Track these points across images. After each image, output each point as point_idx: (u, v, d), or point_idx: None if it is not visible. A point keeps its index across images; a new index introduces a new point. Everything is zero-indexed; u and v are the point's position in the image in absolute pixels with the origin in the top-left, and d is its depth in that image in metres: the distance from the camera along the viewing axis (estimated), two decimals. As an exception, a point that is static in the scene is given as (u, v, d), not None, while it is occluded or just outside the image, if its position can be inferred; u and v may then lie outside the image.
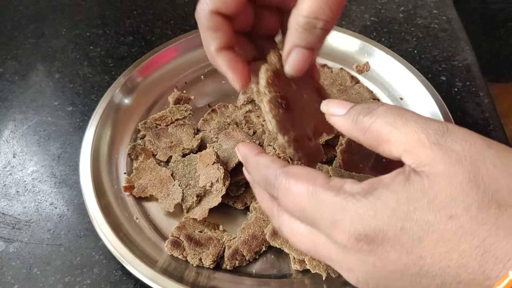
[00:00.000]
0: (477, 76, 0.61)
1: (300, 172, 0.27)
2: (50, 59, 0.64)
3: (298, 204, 0.26)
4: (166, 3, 0.72)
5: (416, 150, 0.24)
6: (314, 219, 0.26)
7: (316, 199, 0.25)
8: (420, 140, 0.24)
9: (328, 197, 0.25)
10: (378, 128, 0.26)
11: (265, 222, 0.44)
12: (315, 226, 0.26)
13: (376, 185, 0.24)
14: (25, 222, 0.47)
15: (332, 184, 0.25)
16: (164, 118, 0.53)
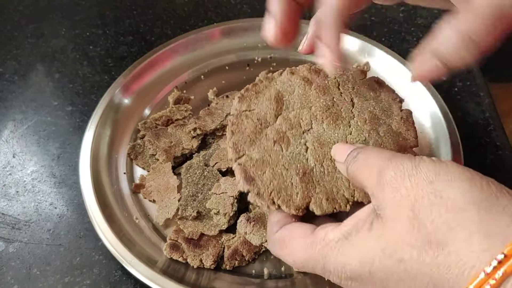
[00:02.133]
0: (477, 76, 0.60)
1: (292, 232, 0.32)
2: (49, 59, 0.64)
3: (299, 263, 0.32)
4: (166, 3, 0.71)
5: (375, 193, 0.28)
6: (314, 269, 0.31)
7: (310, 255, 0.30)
8: (378, 182, 0.28)
9: (318, 251, 0.30)
10: (357, 177, 0.31)
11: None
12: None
13: (351, 231, 0.28)
14: (25, 222, 0.47)
15: (318, 237, 0.30)
16: (164, 118, 0.53)
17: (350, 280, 0.28)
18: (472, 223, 0.24)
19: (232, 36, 0.62)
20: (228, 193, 0.44)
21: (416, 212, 0.25)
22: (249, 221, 0.42)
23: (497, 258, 0.22)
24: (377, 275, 0.27)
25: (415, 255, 0.25)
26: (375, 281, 0.27)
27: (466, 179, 0.25)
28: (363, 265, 0.27)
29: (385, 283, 0.27)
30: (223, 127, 0.51)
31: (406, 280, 0.26)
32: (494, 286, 0.22)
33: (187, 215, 0.44)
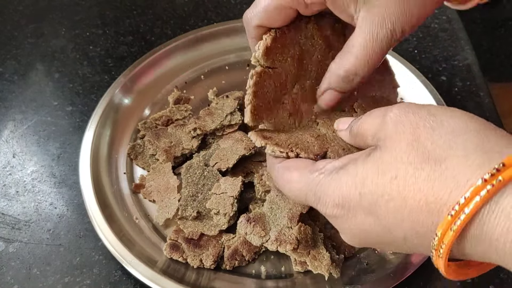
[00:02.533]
0: (477, 75, 0.60)
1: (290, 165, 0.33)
2: (49, 59, 0.64)
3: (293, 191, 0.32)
4: (166, 3, 0.71)
5: (377, 132, 0.29)
6: (306, 199, 0.31)
7: (305, 181, 0.31)
8: (380, 123, 0.28)
9: (313, 178, 0.30)
10: (359, 130, 0.31)
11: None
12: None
13: (347, 162, 0.29)
14: (25, 222, 0.47)
15: (316, 167, 0.31)
16: (164, 118, 0.53)
17: (337, 207, 0.28)
18: (471, 143, 0.24)
19: (232, 36, 0.62)
20: (228, 193, 0.44)
21: (417, 136, 0.26)
22: (249, 221, 0.42)
23: (496, 167, 0.22)
24: (367, 197, 0.26)
25: (410, 171, 0.25)
26: (364, 204, 0.27)
27: (467, 115, 0.26)
28: (353, 187, 0.27)
29: (373, 206, 0.26)
30: (223, 127, 0.51)
31: (397, 199, 0.25)
32: (491, 192, 0.22)
33: (187, 215, 0.44)
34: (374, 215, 0.27)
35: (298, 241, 0.40)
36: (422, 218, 0.25)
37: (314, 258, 0.40)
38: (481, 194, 0.22)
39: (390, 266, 0.41)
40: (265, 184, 0.45)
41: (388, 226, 0.26)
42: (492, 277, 0.43)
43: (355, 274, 0.42)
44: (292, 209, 0.41)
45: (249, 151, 0.47)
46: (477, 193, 0.22)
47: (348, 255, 0.43)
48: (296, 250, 0.40)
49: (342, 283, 0.40)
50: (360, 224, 0.28)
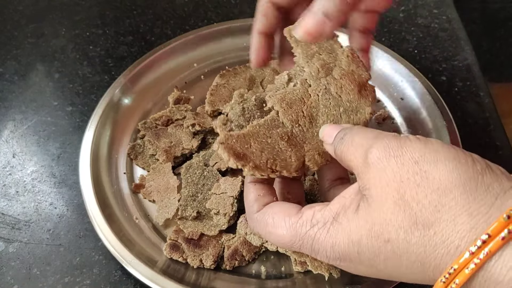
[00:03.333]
0: (477, 76, 0.60)
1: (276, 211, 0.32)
2: (49, 59, 0.64)
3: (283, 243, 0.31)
4: (166, 3, 0.71)
5: (361, 173, 0.28)
6: (300, 250, 0.31)
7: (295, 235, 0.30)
8: (364, 163, 0.28)
9: (304, 232, 0.30)
10: (344, 158, 0.31)
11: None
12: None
13: (339, 211, 0.29)
14: (25, 222, 0.47)
15: (305, 218, 0.30)
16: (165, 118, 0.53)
17: (339, 260, 0.29)
18: (457, 204, 0.24)
19: (232, 36, 0.62)
20: (228, 193, 0.44)
21: (402, 193, 0.26)
22: None
23: (482, 238, 0.23)
24: (365, 255, 0.27)
25: (401, 235, 0.26)
26: (363, 260, 0.28)
27: (452, 158, 0.26)
28: (351, 246, 0.28)
29: (372, 261, 0.28)
30: None
31: (393, 259, 0.27)
32: (478, 265, 0.23)
33: (187, 215, 0.44)
34: (374, 268, 0.28)
35: None
36: (419, 272, 0.26)
37: (314, 258, 0.40)
38: (469, 267, 0.23)
39: (390, 266, 0.41)
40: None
41: (388, 274, 0.28)
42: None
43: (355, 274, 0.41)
44: None
45: (249, 151, 0.47)
46: (465, 265, 0.23)
47: (348, 255, 0.43)
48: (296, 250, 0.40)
49: (342, 283, 0.40)
50: (364, 271, 0.29)
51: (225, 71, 0.56)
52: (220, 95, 0.52)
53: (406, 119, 0.54)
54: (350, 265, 0.29)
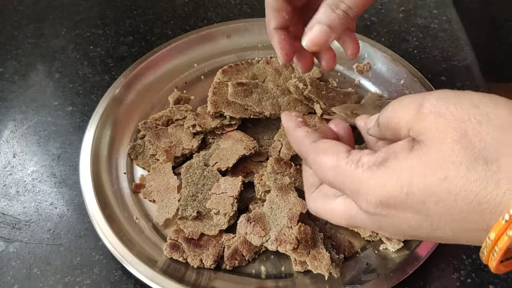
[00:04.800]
0: (477, 76, 0.61)
1: (326, 146, 0.31)
2: (50, 59, 0.64)
3: (325, 177, 0.30)
4: (166, 3, 0.71)
5: (415, 123, 0.27)
6: (342, 189, 0.29)
7: (339, 173, 0.29)
8: (416, 114, 0.27)
9: (349, 171, 0.28)
10: (390, 122, 0.29)
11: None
12: (345, 196, 0.30)
13: (388, 156, 0.27)
14: (25, 222, 0.47)
15: (352, 158, 0.29)
16: (165, 118, 0.53)
17: (381, 206, 0.27)
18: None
19: (232, 36, 0.62)
20: (228, 193, 0.45)
21: (463, 132, 0.25)
22: (249, 221, 0.42)
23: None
24: (414, 196, 0.25)
25: (462, 172, 0.24)
26: (410, 204, 0.26)
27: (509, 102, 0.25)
28: (400, 186, 0.26)
29: (421, 205, 0.25)
30: (223, 126, 0.51)
31: (447, 200, 0.25)
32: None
33: (187, 215, 0.44)
34: (422, 214, 0.26)
35: (298, 241, 0.40)
36: (474, 217, 0.24)
37: (314, 258, 0.41)
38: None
39: (390, 266, 0.41)
40: (265, 184, 0.45)
41: (436, 223, 0.26)
42: (492, 277, 0.43)
43: (355, 274, 0.42)
44: (292, 209, 0.41)
45: (249, 151, 0.47)
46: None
47: (348, 255, 0.43)
48: (296, 250, 0.40)
49: (342, 283, 0.41)
50: (406, 221, 0.27)
51: (227, 67, 0.55)
52: (223, 94, 0.51)
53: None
54: (393, 212, 0.27)
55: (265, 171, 0.46)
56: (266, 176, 0.45)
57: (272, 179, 0.44)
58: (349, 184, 0.28)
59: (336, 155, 0.29)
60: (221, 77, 0.54)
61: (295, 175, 0.46)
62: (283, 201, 0.42)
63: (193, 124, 0.50)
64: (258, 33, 0.62)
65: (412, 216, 0.26)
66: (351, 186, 0.28)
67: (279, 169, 0.46)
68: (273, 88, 0.53)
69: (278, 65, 0.56)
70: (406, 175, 0.26)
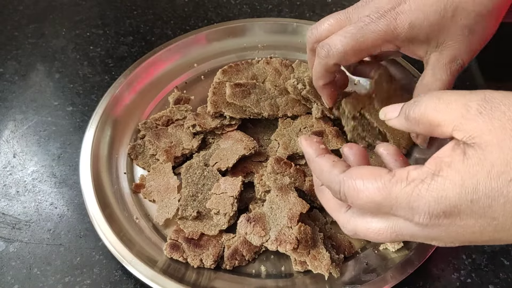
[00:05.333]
0: (477, 76, 0.61)
1: (363, 172, 0.29)
2: (50, 59, 0.64)
3: (372, 201, 0.29)
4: (166, 3, 0.72)
5: (463, 125, 0.26)
6: (391, 210, 0.28)
7: (389, 193, 0.28)
8: (464, 115, 0.27)
9: (400, 189, 0.27)
10: (426, 117, 0.29)
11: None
12: (392, 215, 0.29)
13: (440, 166, 0.27)
14: (25, 222, 0.47)
15: (399, 176, 0.28)
16: (165, 118, 0.53)
17: (442, 217, 0.27)
18: None
19: (232, 36, 0.62)
20: (228, 193, 0.45)
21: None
22: (249, 221, 0.42)
23: None
24: (480, 202, 0.25)
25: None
26: (476, 210, 0.26)
27: None
28: (463, 195, 0.25)
29: (487, 209, 0.25)
30: (223, 126, 0.51)
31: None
32: None
33: (187, 215, 0.44)
34: (488, 218, 0.26)
35: (298, 241, 0.40)
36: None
37: (314, 258, 0.41)
38: None
39: (390, 266, 0.41)
40: (265, 184, 0.45)
41: (501, 225, 0.26)
42: (492, 277, 0.43)
43: (355, 274, 0.42)
44: (292, 209, 0.41)
45: (249, 151, 0.47)
46: None
47: (348, 255, 0.43)
48: (296, 250, 0.40)
49: (342, 283, 0.41)
50: (469, 227, 0.27)
51: (227, 67, 0.55)
52: (223, 94, 0.51)
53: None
54: (455, 221, 0.27)
55: (265, 171, 0.46)
56: (266, 176, 0.45)
57: (272, 179, 0.44)
58: (403, 202, 0.27)
59: (379, 178, 0.28)
60: (221, 77, 0.54)
61: (295, 175, 0.46)
62: (283, 201, 0.42)
63: (193, 124, 0.50)
64: (258, 33, 0.62)
65: (475, 221, 0.26)
66: (405, 204, 0.27)
67: (279, 169, 0.46)
68: (271, 89, 0.53)
69: (278, 65, 0.56)
70: (469, 183, 0.25)
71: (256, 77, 0.55)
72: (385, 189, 0.28)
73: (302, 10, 0.71)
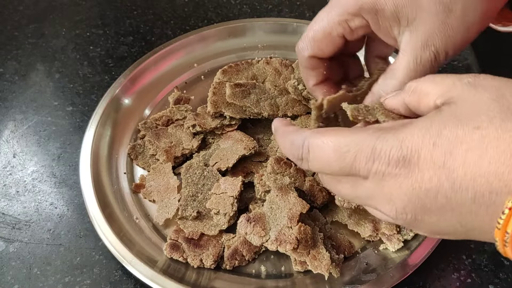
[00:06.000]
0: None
1: (326, 130, 0.29)
2: (50, 59, 0.64)
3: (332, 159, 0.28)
4: (166, 3, 0.72)
5: (449, 92, 0.26)
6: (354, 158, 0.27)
7: (356, 137, 0.27)
8: (453, 85, 0.26)
9: (367, 134, 0.27)
10: (420, 86, 0.28)
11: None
12: (352, 171, 0.27)
13: (411, 120, 0.26)
14: (25, 222, 0.47)
15: (365, 129, 0.27)
16: (165, 118, 0.53)
17: (401, 164, 0.25)
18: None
19: (232, 36, 0.62)
20: (228, 193, 0.45)
21: (501, 93, 0.24)
22: (249, 221, 0.42)
23: None
24: (442, 147, 0.24)
25: (496, 122, 0.23)
26: (436, 156, 0.24)
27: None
28: (427, 137, 0.24)
29: (447, 157, 0.24)
30: (223, 126, 0.51)
31: (476, 149, 0.23)
32: None
33: (187, 215, 0.44)
34: (446, 169, 0.24)
35: (298, 241, 0.40)
36: (503, 171, 0.22)
37: (314, 258, 0.41)
38: None
39: (390, 266, 0.41)
40: (265, 184, 0.45)
41: (459, 181, 0.24)
42: (492, 277, 0.43)
43: (355, 274, 0.42)
44: (292, 209, 0.41)
45: (249, 151, 0.47)
46: None
47: (348, 255, 0.43)
48: (296, 250, 0.40)
49: (342, 283, 0.41)
50: (426, 181, 0.24)
51: (227, 67, 0.55)
52: (223, 94, 0.51)
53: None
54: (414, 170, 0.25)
55: (265, 171, 0.46)
56: (266, 176, 0.45)
57: (272, 179, 0.44)
58: (367, 146, 0.26)
59: (345, 131, 0.28)
60: (221, 77, 0.54)
61: (295, 175, 0.46)
62: (283, 201, 0.42)
63: (193, 124, 0.50)
64: (258, 33, 0.62)
65: (433, 174, 0.24)
66: (368, 148, 0.26)
67: (279, 169, 0.46)
68: (271, 89, 0.53)
69: (278, 65, 0.56)
70: (436, 127, 0.24)
71: (256, 77, 0.55)
72: (353, 134, 0.27)
73: (302, 10, 0.71)
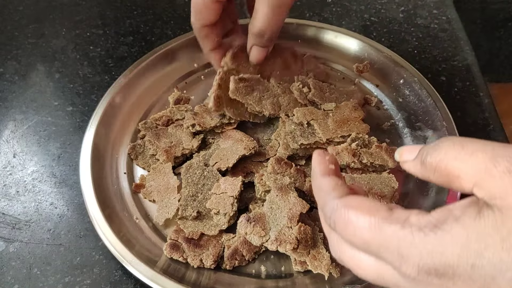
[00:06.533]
0: (477, 76, 0.61)
1: (361, 204, 0.26)
2: (50, 59, 0.64)
3: (360, 237, 0.26)
4: (166, 3, 0.72)
5: (486, 182, 0.23)
6: (379, 252, 0.25)
7: (380, 233, 0.25)
8: (489, 170, 0.23)
9: (393, 231, 0.24)
10: (445, 165, 0.25)
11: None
12: (380, 258, 0.26)
13: (445, 218, 0.23)
14: (25, 222, 0.47)
15: (397, 217, 0.25)
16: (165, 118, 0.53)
17: (433, 275, 0.23)
18: None
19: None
20: (228, 193, 0.45)
21: None
22: (249, 221, 0.42)
23: None
24: (483, 270, 0.22)
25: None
26: (475, 278, 0.22)
27: None
28: (465, 257, 0.22)
29: (490, 281, 0.22)
30: (222, 125, 0.51)
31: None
32: None
33: (187, 215, 0.44)
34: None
35: (298, 241, 0.40)
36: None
37: (314, 258, 0.41)
38: None
39: (390, 266, 0.41)
40: (265, 184, 0.45)
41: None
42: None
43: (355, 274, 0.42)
44: (292, 209, 0.41)
45: (249, 151, 0.47)
46: None
47: (348, 255, 0.43)
48: (296, 250, 0.40)
49: (342, 282, 0.41)
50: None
51: (238, 50, 0.50)
52: (227, 89, 0.48)
53: (405, 119, 0.54)
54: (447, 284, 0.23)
55: (265, 171, 0.46)
56: (266, 176, 0.45)
57: (272, 179, 0.44)
58: (393, 246, 0.24)
59: (375, 213, 0.25)
60: (229, 63, 0.49)
61: (295, 175, 0.46)
62: (283, 201, 0.42)
63: (192, 124, 0.50)
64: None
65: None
66: (394, 249, 0.24)
67: (279, 169, 0.46)
68: (274, 86, 0.53)
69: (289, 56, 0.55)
70: (474, 244, 0.22)
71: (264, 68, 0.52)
72: (377, 227, 0.25)
73: (302, 10, 0.71)
